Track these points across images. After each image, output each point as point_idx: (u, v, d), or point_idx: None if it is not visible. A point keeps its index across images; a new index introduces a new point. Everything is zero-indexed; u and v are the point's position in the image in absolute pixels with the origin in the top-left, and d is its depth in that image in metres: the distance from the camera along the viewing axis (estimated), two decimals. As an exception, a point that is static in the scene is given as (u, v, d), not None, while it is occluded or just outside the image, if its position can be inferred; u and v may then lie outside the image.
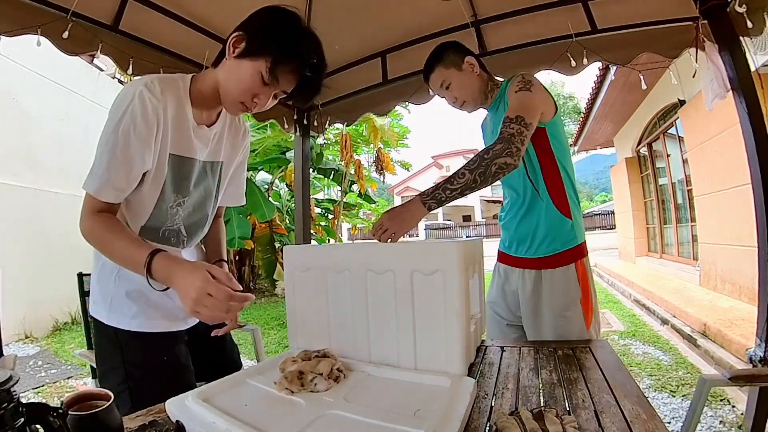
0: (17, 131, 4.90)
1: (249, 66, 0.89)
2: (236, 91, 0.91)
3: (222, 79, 0.93)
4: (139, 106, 0.85)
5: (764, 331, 1.52)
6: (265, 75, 0.88)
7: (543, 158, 1.36)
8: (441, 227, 23.54)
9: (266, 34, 0.89)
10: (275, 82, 0.90)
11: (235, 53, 0.90)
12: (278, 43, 0.88)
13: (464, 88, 1.42)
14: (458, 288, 0.86)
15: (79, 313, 2.47)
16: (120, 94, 0.87)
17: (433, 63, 1.44)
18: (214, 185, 1.09)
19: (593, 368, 0.94)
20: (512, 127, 1.17)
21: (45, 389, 3.11)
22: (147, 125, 0.86)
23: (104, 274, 0.98)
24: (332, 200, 8.53)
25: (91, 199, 0.87)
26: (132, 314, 0.95)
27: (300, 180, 2.94)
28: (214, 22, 2.13)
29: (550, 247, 1.36)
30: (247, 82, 0.90)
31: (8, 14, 1.53)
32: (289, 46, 0.89)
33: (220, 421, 0.63)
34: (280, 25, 0.90)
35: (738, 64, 1.58)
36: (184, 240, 1.06)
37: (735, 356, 2.83)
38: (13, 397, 0.44)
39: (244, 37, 0.90)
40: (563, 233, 1.36)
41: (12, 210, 4.75)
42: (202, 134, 1.00)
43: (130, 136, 0.85)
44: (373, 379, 0.86)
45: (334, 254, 1.03)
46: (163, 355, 0.97)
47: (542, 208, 1.37)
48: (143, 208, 0.96)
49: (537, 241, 1.38)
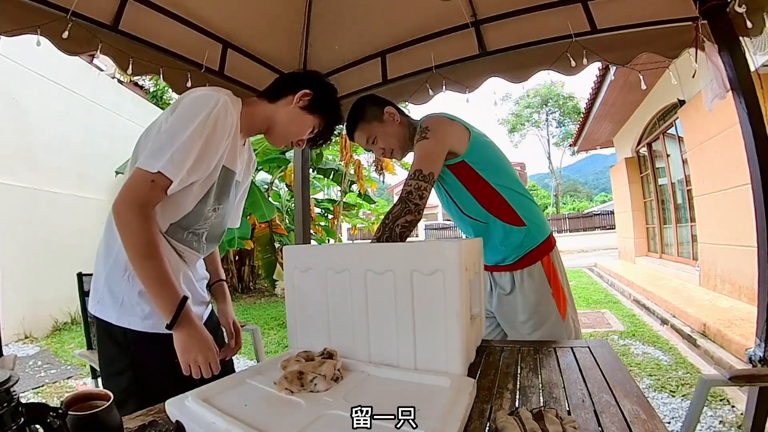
0: (17, 131, 4.90)
1: (310, 119, 1.13)
2: (294, 134, 1.14)
3: (283, 121, 1.12)
4: (224, 113, 0.95)
5: (764, 331, 1.53)
6: (316, 128, 1.15)
7: (475, 188, 1.41)
8: (440, 227, 23.51)
9: (325, 100, 1.14)
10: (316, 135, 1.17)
11: (301, 104, 1.11)
12: (330, 110, 1.16)
13: (389, 137, 1.47)
14: (458, 288, 0.86)
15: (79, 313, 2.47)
16: (197, 96, 0.96)
17: (354, 121, 1.48)
18: (234, 201, 1.19)
19: (593, 368, 0.94)
20: (409, 184, 1.25)
21: (45, 389, 3.11)
22: (223, 133, 0.97)
23: (115, 272, 0.96)
24: (332, 200, 8.53)
25: (145, 183, 0.87)
26: (145, 315, 0.94)
27: (300, 180, 2.94)
28: (214, 22, 2.13)
29: (513, 255, 1.42)
30: (305, 129, 1.14)
31: (8, 14, 1.53)
32: (335, 114, 1.18)
33: (220, 421, 0.63)
34: (332, 96, 1.17)
35: (738, 65, 1.59)
36: (204, 246, 1.10)
37: (735, 356, 2.83)
38: (13, 397, 0.44)
39: (310, 95, 1.11)
40: (522, 241, 1.41)
41: (11, 210, 4.75)
42: (241, 153, 1.13)
43: (208, 135, 0.93)
44: (372, 380, 0.86)
45: (333, 254, 1.03)
46: (173, 356, 0.95)
47: (497, 229, 1.41)
48: (182, 207, 0.99)
49: (500, 255, 1.44)
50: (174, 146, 0.88)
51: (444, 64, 2.24)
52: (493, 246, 1.44)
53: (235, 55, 2.30)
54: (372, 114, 1.45)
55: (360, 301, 0.96)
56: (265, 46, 2.40)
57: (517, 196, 1.42)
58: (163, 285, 0.89)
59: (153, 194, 0.89)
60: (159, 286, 0.89)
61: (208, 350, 0.91)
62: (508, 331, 1.49)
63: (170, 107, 0.99)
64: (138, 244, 0.87)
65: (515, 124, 34.81)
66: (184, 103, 0.95)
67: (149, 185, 0.87)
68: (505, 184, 1.41)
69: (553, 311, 1.39)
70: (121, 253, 0.94)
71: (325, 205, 8.44)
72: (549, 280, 1.40)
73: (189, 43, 2.10)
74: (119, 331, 0.94)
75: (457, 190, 1.44)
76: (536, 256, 1.41)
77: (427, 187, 1.26)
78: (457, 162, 1.38)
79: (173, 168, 0.88)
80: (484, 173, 1.39)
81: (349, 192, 8.35)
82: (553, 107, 33.42)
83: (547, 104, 33.42)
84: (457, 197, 1.46)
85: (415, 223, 1.21)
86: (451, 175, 1.42)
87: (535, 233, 1.42)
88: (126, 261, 0.94)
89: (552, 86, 32.67)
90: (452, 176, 1.42)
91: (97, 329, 0.99)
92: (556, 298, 1.40)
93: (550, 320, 1.38)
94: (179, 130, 0.90)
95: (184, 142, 0.89)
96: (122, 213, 0.87)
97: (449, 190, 1.48)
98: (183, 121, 0.91)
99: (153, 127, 0.99)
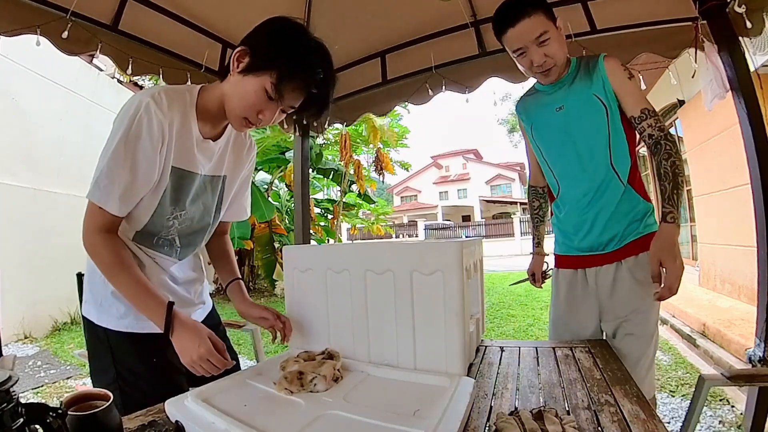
0: (16, 131, 4.90)
1: (253, 82, 0.87)
2: (240, 108, 0.90)
3: (227, 95, 0.92)
4: (145, 119, 0.84)
5: (763, 331, 1.53)
6: (270, 91, 0.87)
7: (630, 136, 1.25)
8: (440, 227, 23.52)
9: (270, 49, 0.87)
10: (280, 99, 0.88)
11: (239, 68, 0.88)
12: (283, 58, 0.86)
13: (562, 45, 1.21)
14: (458, 288, 0.86)
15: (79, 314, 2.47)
16: (126, 105, 0.87)
17: (530, 5, 1.15)
18: (214, 200, 1.08)
19: (593, 368, 0.94)
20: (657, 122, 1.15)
21: (44, 389, 3.11)
22: (153, 139, 0.86)
23: (94, 274, 0.96)
24: (332, 200, 8.54)
25: (95, 211, 0.86)
26: (120, 314, 0.94)
27: (299, 180, 2.94)
28: (213, 22, 2.13)
29: (633, 230, 1.24)
30: (252, 99, 0.88)
31: (8, 14, 1.53)
32: (295, 61, 0.87)
33: (220, 421, 0.63)
34: (285, 39, 0.88)
35: (737, 65, 1.59)
36: (177, 250, 1.04)
37: (734, 356, 2.83)
38: (13, 398, 0.44)
39: (247, 51, 0.88)
40: (645, 216, 1.25)
41: (11, 210, 4.75)
42: (206, 148, 0.99)
43: (137, 148, 0.85)
44: (372, 379, 0.86)
45: (333, 254, 1.03)
46: (152, 356, 0.95)
47: (624, 193, 1.23)
48: (139, 217, 0.95)
49: (617, 228, 1.24)
50: (100, 171, 0.85)
51: (444, 64, 2.24)
52: (610, 214, 1.24)
53: (234, 55, 2.30)
54: (551, 13, 1.18)
55: (360, 301, 0.96)
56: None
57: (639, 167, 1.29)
58: (140, 296, 0.87)
59: (104, 220, 0.87)
60: (137, 299, 0.88)
61: (201, 346, 0.84)
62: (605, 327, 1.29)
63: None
64: (108, 266, 0.88)
65: (515, 124, 34.75)
66: (114, 122, 0.88)
67: (99, 212, 0.86)
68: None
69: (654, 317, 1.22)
70: None
71: (325, 205, 8.44)
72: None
73: (189, 43, 2.10)
74: (101, 330, 0.95)
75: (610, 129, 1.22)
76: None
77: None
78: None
79: (104, 197, 0.85)
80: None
81: (349, 192, 8.36)
82: (552, 107, 33.37)
83: (547, 104, 33.38)
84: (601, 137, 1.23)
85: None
86: (618, 112, 1.22)
87: (654, 216, 1.25)
88: None
89: (552, 86, 32.64)
90: (618, 113, 1.22)
91: (85, 327, 1.00)
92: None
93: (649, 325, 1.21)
94: (106, 150, 0.86)
95: (107, 163, 0.84)
96: (87, 243, 0.88)
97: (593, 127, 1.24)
98: (110, 140, 0.86)
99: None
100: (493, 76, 2.19)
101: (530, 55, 1.19)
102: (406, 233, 22.19)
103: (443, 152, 39.20)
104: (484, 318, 1.25)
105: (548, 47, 1.17)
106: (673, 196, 1.09)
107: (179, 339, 0.86)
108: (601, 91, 1.22)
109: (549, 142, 1.35)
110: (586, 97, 1.23)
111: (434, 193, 35.19)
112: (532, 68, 1.22)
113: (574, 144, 1.27)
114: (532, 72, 1.24)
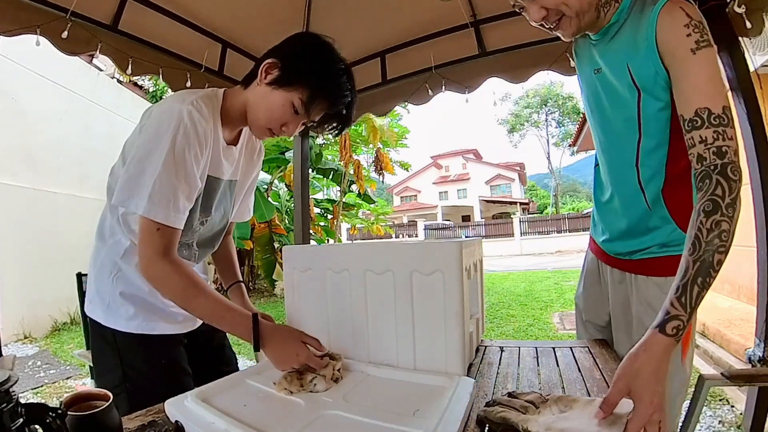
0: (16, 131, 4.90)
1: (281, 95, 0.89)
2: (266, 119, 0.92)
3: (252, 103, 0.93)
4: (191, 127, 0.83)
5: (763, 331, 1.53)
6: (297, 107, 0.89)
7: (676, 134, 0.85)
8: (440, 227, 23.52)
9: (302, 66, 0.88)
10: (306, 114, 0.91)
11: (267, 80, 0.90)
12: (315, 77, 0.88)
13: None
14: (457, 288, 0.86)
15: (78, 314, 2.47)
16: (160, 116, 0.85)
17: None
18: (230, 203, 1.10)
19: (593, 368, 0.94)
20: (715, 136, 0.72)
21: (44, 389, 3.11)
22: (200, 146, 0.86)
23: (102, 274, 0.96)
24: (331, 200, 8.54)
25: (153, 232, 0.81)
26: (129, 316, 0.94)
27: (299, 180, 2.94)
28: (213, 22, 2.13)
29: (647, 252, 0.98)
30: (278, 111, 0.90)
31: (7, 14, 1.53)
32: (326, 81, 0.89)
33: (220, 421, 0.63)
34: (317, 57, 0.89)
35: (737, 65, 1.58)
36: (196, 254, 1.05)
37: (734, 356, 2.83)
38: (12, 398, 0.44)
39: (277, 64, 0.89)
40: (671, 240, 0.94)
41: (10, 210, 4.75)
42: (229, 154, 1.00)
43: (186, 157, 0.83)
44: (372, 379, 0.86)
45: (333, 254, 1.03)
46: (161, 358, 0.96)
47: (641, 209, 0.96)
48: None
49: (644, 239, 0.98)
50: (153, 188, 0.79)
51: (443, 65, 2.24)
52: (627, 226, 0.99)
53: (234, 55, 2.30)
54: None
55: (359, 302, 0.96)
56: (264, 46, 2.35)
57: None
58: (223, 316, 0.86)
59: (167, 240, 0.83)
60: (219, 320, 0.87)
61: (300, 353, 0.82)
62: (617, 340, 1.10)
63: (139, 124, 0.89)
64: (181, 292, 0.84)
65: (515, 124, 34.86)
66: (148, 130, 0.85)
67: (159, 233, 0.81)
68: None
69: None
70: (108, 256, 0.95)
71: (325, 205, 8.45)
72: None
73: (188, 43, 2.10)
74: (108, 331, 0.94)
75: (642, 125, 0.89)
76: (674, 269, 0.77)
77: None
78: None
79: (167, 213, 0.81)
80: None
81: (349, 192, 8.37)
82: (552, 107, 33.49)
83: (547, 104, 33.49)
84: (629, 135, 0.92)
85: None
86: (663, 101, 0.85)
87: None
88: (112, 263, 0.94)
89: (551, 86, 32.74)
90: (661, 103, 0.85)
91: (90, 328, 0.99)
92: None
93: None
94: (150, 161, 0.81)
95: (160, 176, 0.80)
96: (153, 272, 0.83)
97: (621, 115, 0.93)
98: (151, 150, 0.81)
99: (129, 144, 0.91)
100: (493, 76, 2.19)
101: (527, 11, 0.88)
102: (405, 233, 22.19)
103: (443, 152, 39.24)
104: (484, 318, 1.25)
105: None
106: (693, 289, 0.67)
107: (273, 350, 0.84)
108: (640, 63, 0.83)
109: (587, 106, 1.06)
110: (619, 67, 0.87)
111: (434, 193, 35.21)
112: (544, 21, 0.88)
113: (601, 126, 1.00)
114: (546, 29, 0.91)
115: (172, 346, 1.00)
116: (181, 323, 1.01)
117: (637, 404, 0.60)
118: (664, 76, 0.81)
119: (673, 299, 0.68)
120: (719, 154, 0.72)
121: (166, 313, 0.98)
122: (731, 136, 0.73)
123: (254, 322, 0.83)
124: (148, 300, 0.95)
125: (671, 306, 0.67)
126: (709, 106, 0.73)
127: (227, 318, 0.86)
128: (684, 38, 0.77)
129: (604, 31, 0.91)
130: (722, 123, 0.72)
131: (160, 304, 0.97)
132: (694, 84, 0.76)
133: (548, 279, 8.43)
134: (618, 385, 0.63)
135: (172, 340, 1.00)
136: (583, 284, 1.24)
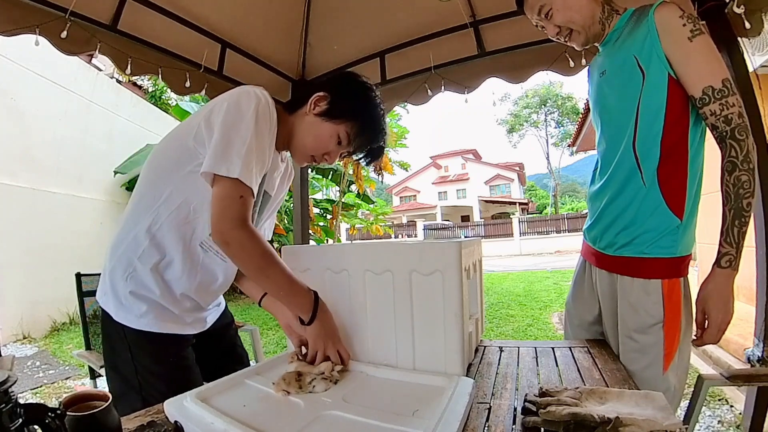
0: (15, 131, 4.89)
1: (329, 127, 0.98)
2: (312, 147, 1.00)
3: (299, 131, 1.00)
4: (266, 108, 0.89)
5: (762, 331, 1.53)
6: (343, 138, 0.98)
7: (671, 116, 0.96)
8: (439, 227, 23.52)
9: (352, 103, 0.99)
10: (349, 146, 1.00)
11: (316, 111, 0.98)
12: (362, 115, 0.99)
13: (570, 10, 1.04)
14: (457, 288, 0.86)
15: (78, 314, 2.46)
16: (240, 91, 0.90)
17: None
18: (261, 217, 1.13)
19: (592, 368, 0.94)
20: (728, 105, 0.89)
21: (43, 390, 3.11)
22: (272, 126, 0.92)
23: (118, 270, 0.95)
24: (331, 200, 8.53)
25: (234, 193, 0.82)
26: (140, 313, 0.94)
27: (298, 180, 2.94)
28: (212, 22, 2.13)
29: (635, 245, 1.02)
30: (325, 142, 0.99)
31: (7, 14, 1.53)
32: (371, 119, 1.00)
33: (219, 421, 0.63)
34: (364, 97, 1.01)
35: (736, 65, 1.59)
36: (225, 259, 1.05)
37: (733, 356, 2.84)
38: (11, 398, 0.44)
39: (326, 98, 0.98)
40: (660, 232, 1.00)
41: (10, 210, 4.74)
42: (275, 168, 1.07)
43: (264, 130, 0.88)
44: (371, 380, 0.86)
45: (332, 254, 1.03)
46: (169, 356, 0.96)
47: (638, 192, 1.02)
48: None
49: (613, 234, 1.07)
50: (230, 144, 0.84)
51: (443, 65, 2.24)
52: (620, 212, 1.05)
53: (234, 56, 2.30)
54: None
55: (359, 302, 0.96)
56: (264, 46, 2.40)
57: (700, 172, 1.02)
58: (292, 287, 0.90)
59: (245, 208, 0.84)
60: (288, 290, 0.90)
61: (336, 338, 0.92)
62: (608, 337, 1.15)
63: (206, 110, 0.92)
64: (257, 260, 0.86)
65: (514, 124, 34.89)
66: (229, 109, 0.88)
67: (239, 202, 0.83)
68: (700, 144, 1.00)
69: (653, 349, 0.98)
70: (126, 253, 0.94)
71: (324, 206, 8.44)
72: (664, 312, 0.98)
73: (188, 43, 2.10)
74: (119, 326, 0.94)
75: (641, 104, 0.98)
76: (658, 271, 0.99)
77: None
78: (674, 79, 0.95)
79: (247, 172, 0.83)
80: (693, 111, 0.96)
81: (348, 192, 8.36)
82: (551, 107, 33.52)
83: (546, 104, 33.52)
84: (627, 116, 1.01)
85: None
86: (663, 82, 0.96)
87: (679, 239, 1.00)
88: (128, 261, 0.94)
89: (551, 86, 32.77)
90: (661, 84, 0.96)
91: (101, 319, 0.99)
92: (668, 337, 0.97)
93: (645, 360, 0.99)
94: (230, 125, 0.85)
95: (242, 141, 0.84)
96: (231, 238, 0.83)
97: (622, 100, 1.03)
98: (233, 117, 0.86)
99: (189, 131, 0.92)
100: (492, 76, 2.19)
101: (546, 29, 1.10)
102: (405, 233, 22.19)
103: (442, 152, 39.26)
104: (483, 318, 1.25)
105: (555, 18, 1.06)
106: (733, 230, 0.88)
107: (317, 327, 0.90)
108: (645, 52, 0.96)
109: (592, 102, 1.19)
110: (623, 59, 1.00)
111: (433, 193, 35.23)
112: (556, 38, 1.11)
113: (602, 107, 1.12)
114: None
115: (180, 345, 1.00)
116: (190, 324, 1.01)
117: (712, 317, 0.91)
118: (665, 60, 0.94)
119: (721, 240, 0.92)
120: (727, 121, 0.90)
121: (176, 315, 0.98)
122: (733, 102, 0.90)
123: (315, 299, 0.91)
124: (158, 302, 0.95)
125: (721, 246, 0.92)
126: (712, 83, 0.90)
127: (294, 289, 0.90)
128: (680, 27, 0.92)
129: (608, 39, 1.09)
130: (724, 94, 0.90)
131: (170, 307, 0.97)
132: (696, 69, 0.92)
133: (547, 279, 8.44)
134: (698, 309, 0.93)
135: (182, 340, 1.00)
136: (574, 289, 1.29)
